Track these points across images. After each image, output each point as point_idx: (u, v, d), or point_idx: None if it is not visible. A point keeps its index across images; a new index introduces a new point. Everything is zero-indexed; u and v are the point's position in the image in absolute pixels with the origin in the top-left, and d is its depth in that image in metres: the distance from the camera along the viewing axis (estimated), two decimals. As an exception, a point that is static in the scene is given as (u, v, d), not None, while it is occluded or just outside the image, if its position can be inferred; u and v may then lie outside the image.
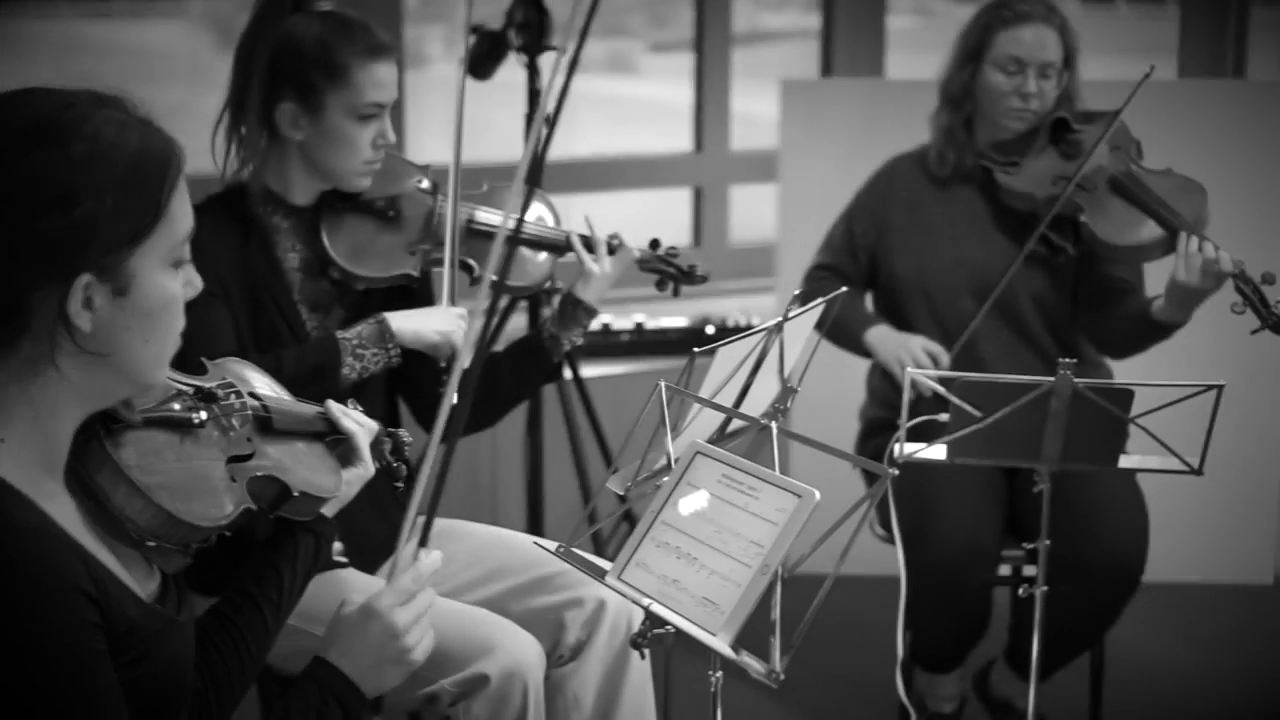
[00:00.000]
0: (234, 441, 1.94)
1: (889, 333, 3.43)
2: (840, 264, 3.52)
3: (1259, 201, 4.52)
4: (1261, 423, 4.66)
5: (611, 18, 5.85)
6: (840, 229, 3.56)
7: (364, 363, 2.71)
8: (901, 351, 3.35)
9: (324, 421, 2.16)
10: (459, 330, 2.78)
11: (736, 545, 1.90)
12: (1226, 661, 4.23)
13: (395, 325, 2.74)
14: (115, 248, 1.68)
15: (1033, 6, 3.36)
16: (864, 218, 3.52)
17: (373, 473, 2.19)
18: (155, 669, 1.77)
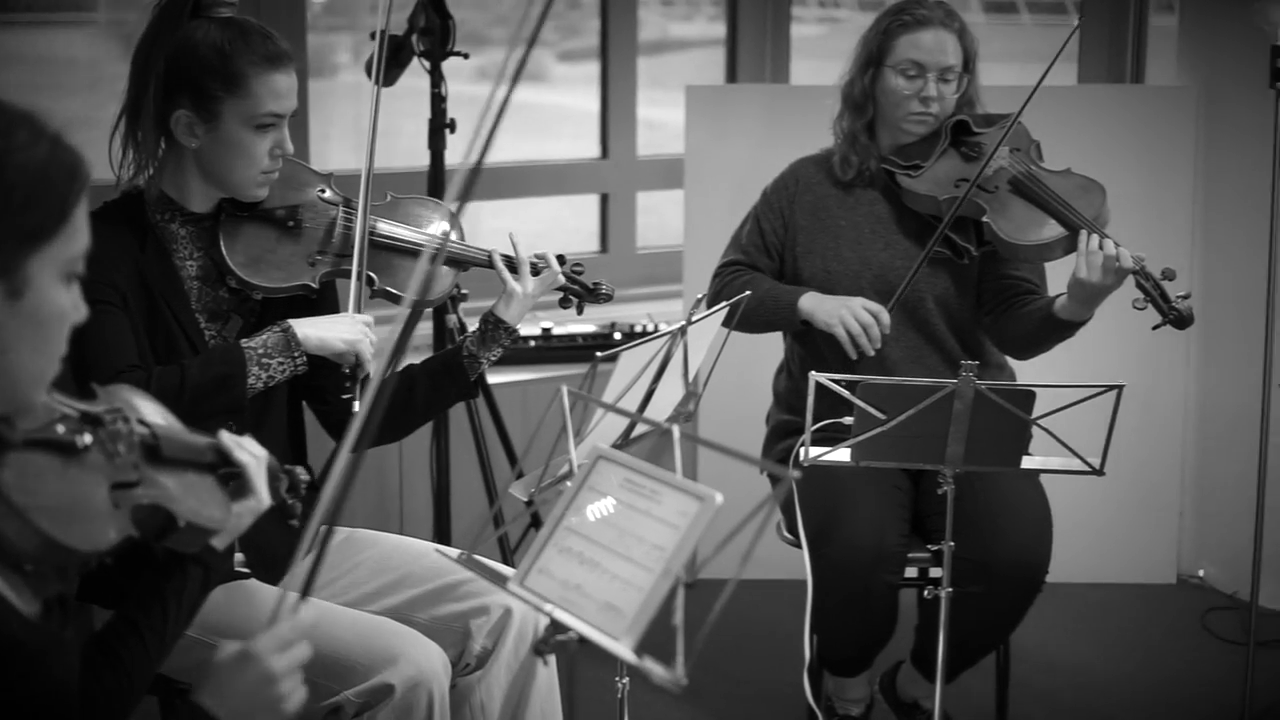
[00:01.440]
0: (119, 468, 1.89)
1: (823, 296, 3.39)
2: (754, 261, 3.51)
3: (1158, 200, 4.58)
4: (1162, 422, 4.71)
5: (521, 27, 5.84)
6: (749, 227, 3.55)
7: (269, 371, 2.67)
8: (842, 310, 3.30)
9: (215, 452, 2.09)
10: (365, 339, 2.75)
11: (639, 550, 1.89)
12: (1130, 660, 4.27)
13: (301, 333, 2.71)
14: (16, 245, 1.65)
15: (932, 11, 3.38)
16: (773, 217, 3.52)
17: (266, 505, 2.12)
18: (37, 688, 1.73)
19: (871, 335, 3.28)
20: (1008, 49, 6.59)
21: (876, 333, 3.28)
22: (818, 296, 3.37)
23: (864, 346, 3.28)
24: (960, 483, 2.97)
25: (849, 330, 3.28)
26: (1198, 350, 4.71)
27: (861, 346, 3.28)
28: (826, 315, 3.33)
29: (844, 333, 3.29)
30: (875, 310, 3.29)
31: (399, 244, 2.92)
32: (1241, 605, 4.51)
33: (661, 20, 5.95)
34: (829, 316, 3.32)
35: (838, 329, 3.29)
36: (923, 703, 3.59)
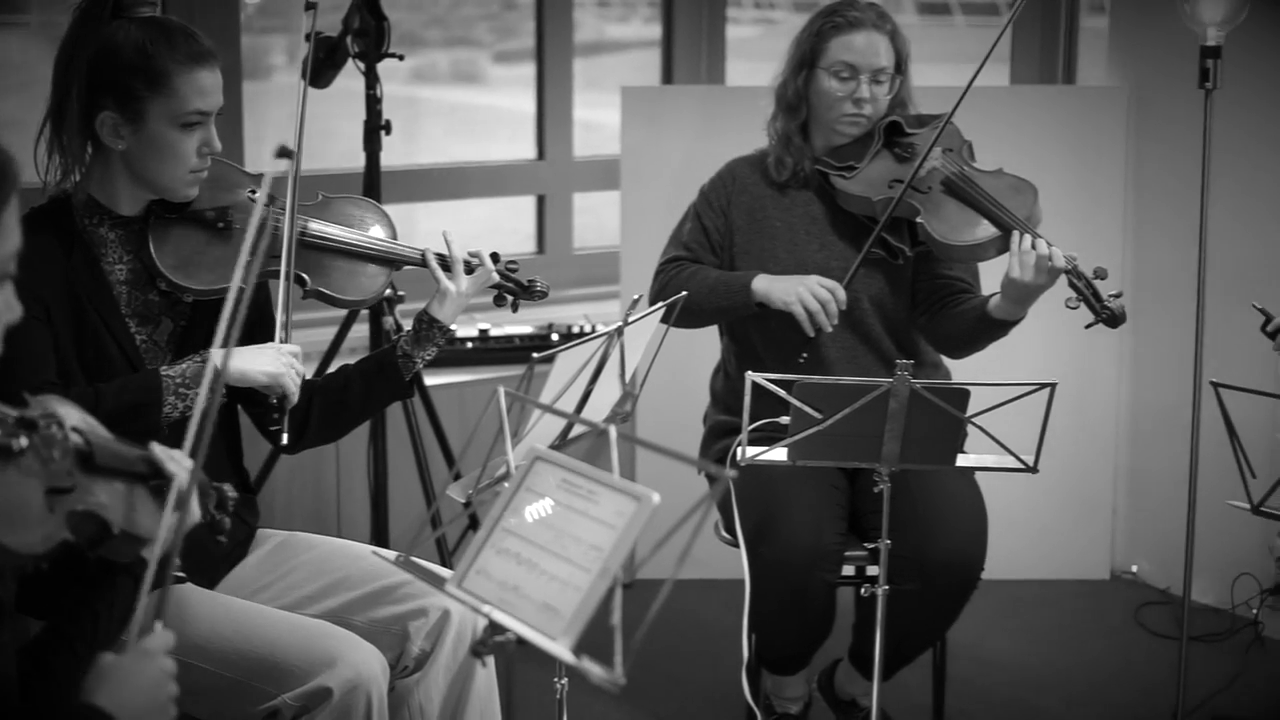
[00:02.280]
0: (54, 473, 1.88)
1: (775, 276, 3.37)
2: (699, 257, 3.50)
3: (1089, 199, 4.62)
4: (1095, 420, 4.76)
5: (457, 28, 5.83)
6: (690, 226, 3.54)
7: (186, 402, 2.63)
8: (799, 288, 3.30)
9: (147, 464, 2.08)
10: (288, 373, 2.71)
11: (576, 550, 1.90)
12: (1065, 656, 4.30)
13: (221, 364, 2.67)
14: None
15: (864, 13, 3.40)
16: (714, 215, 3.52)
17: (197, 518, 2.11)
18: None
19: (829, 311, 3.28)
20: (941, 50, 6.64)
21: (834, 309, 3.28)
22: (770, 277, 3.37)
23: (821, 323, 3.28)
24: (896, 481, 2.99)
25: (807, 308, 3.28)
26: (1130, 348, 4.76)
27: (819, 323, 3.28)
28: (783, 294, 3.32)
29: (802, 310, 3.28)
30: (831, 286, 3.29)
31: (331, 243, 2.91)
32: (1174, 600, 4.56)
33: (597, 22, 5.96)
34: (785, 295, 3.31)
35: (795, 307, 3.29)
36: (860, 700, 3.61)
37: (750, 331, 3.48)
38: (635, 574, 4.45)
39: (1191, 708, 3.85)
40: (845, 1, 3.43)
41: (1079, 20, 5.12)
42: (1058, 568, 4.79)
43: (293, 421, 2.79)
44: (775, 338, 3.43)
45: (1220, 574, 4.52)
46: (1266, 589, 4.44)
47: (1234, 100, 4.23)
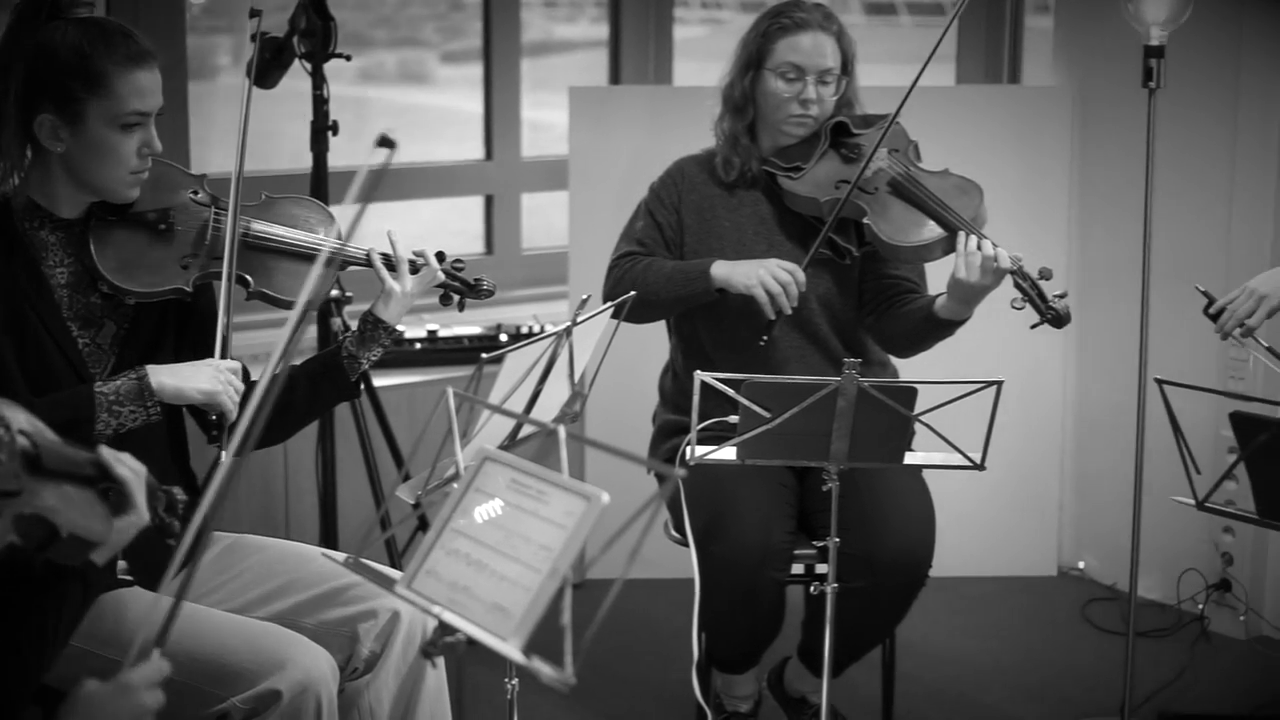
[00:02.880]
0: (1, 476, 1.87)
1: (734, 261, 3.36)
2: (653, 251, 3.50)
3: (1035, 199, 4.65)
4: (1042, 418, 4.79)
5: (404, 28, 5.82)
6: (643, 223, 3.53)
7: (120, 419, 2.62)
8: (759, 270, 3.29)
9: (95, 466, 2.07)
10: (225, 390, 2.68)
11: (526, 550, 1.90)
12: (1013, 652, 4.33)
13: (156, 382, 2.64)
14: None
15: (810, 14, 3.41)
16: (666, 211, 3.51)
17: (146, 521, 2.10)
18: None
19: (790, 294, 3.28)
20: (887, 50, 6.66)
21: (795, 290, 3.28)
22: (728, 263, 3.36)
23: (782, 305, 3.29)
24: (845, 479, 3.01)
25: (768, 290, 3.28)
26: (1075, 347, 4.79)
27: (780, 305, 3.29)
28: (744, 277, 3.31)
29: (763, 293, 3.28)
30: (790, 268, 3.30)
31: (275, 244, 2.90)
32: (1121, 596, 4.60)
33: (545, 22, 5.96)
34: (747, 278, 3.30)
35: (757, 290, 3.28)
36: (810, 698, 3.63)
37: (699, 330, 3.49)
38: (586, 574, 4.45)
39: (1138, 703, 3.88)
40: (791, 2, 3.44)
41: (1024, 20, 5.15)
42: (1005, 564, 4.82)
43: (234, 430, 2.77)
44: (725, 336, 3.44)
45: (1166, 570, 4.56)
46: (1212, 584, 4.48)
47: (1177, 99, 4.27)
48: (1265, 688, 4.04)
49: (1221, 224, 4.39)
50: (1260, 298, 3.25)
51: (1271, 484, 2.71)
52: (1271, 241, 4.28)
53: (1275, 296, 3.25)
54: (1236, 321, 3.25)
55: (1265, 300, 3.24)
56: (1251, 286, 3.27)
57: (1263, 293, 3.25)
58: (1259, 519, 2.77)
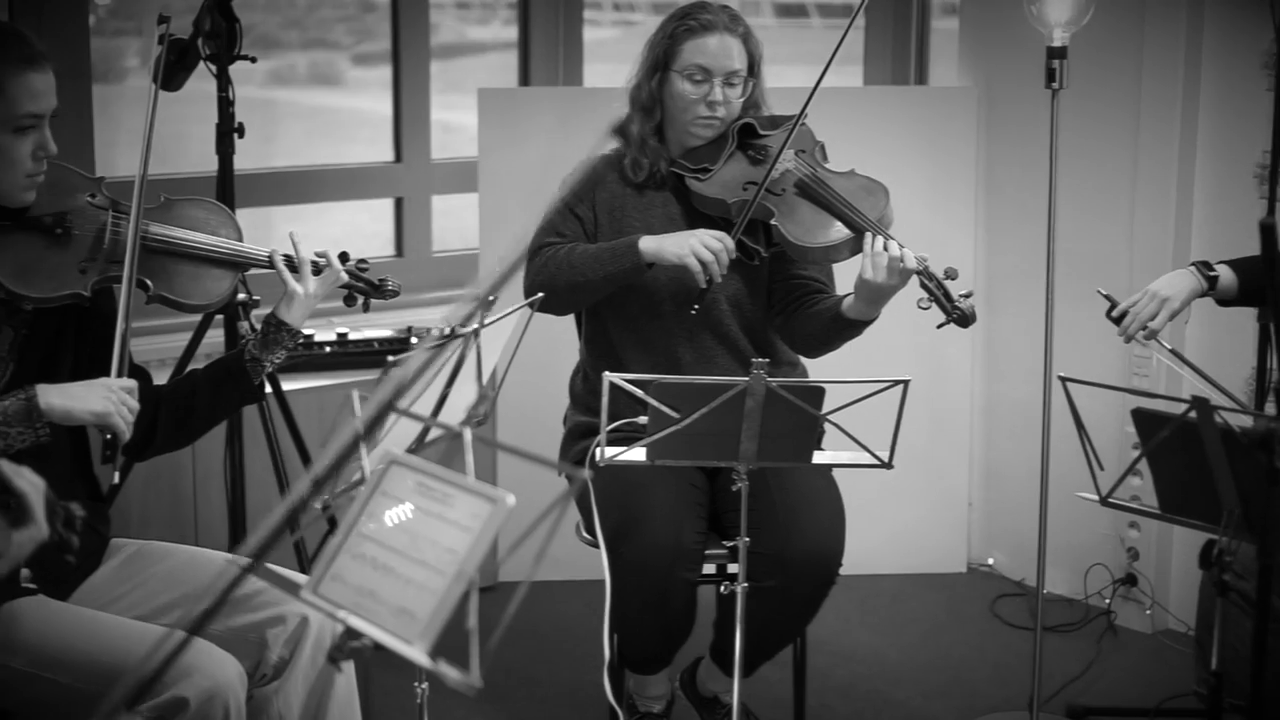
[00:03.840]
0: None
1: (660, 235, 3.35)
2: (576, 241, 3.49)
3: (942, 199, 4.69)
4: (950, 416, 4.83)
5: (314, 30, 5.78)
6: (560, 216, 3.50)
7: (7, 440, 2.57)
8: (690, 240, 3.29)
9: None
10: (118, 410, 2.63)
11: (432, 553, 1.89)
12: (924, 648, 4.37)
13: (45, 402, 2.59)
14: None
15: (716, 16, 3.42)
16: (583, 207, 3.50)
17: (45, 535, 2.08)
18: None
19: (721, 261, 3.28)
20: (798, 51, 6.69)
21: (725, 259, 3.28)
22: (655, 236, 3.35)
23: (714, 273, 3.28)
24: (754, 479, 3.02)
25: (700, 259, 3.27)
26: (982, 345, 4.84)
27: (712, 273, 3.28)
28: (676, 247, 3.29)
29: (696, 262, 3.26)
30: (720, 236, 3.30)
31: (175, 247, 2.87)
32: (1029, 591, 4.65)
33: (458, 24, 5.94)
34: (679, 249, 3.29)
35: (689, 259, 3.27)
36: (722, 697, 3.64)
37: (609, 331, 3.49)
38: (498, 577, 4.45)
39: (1046, 697, 3.92)
40: (698, 5, 3.45)
41: (930, 22, 5.19)
42: (915, 562, 4.86)
43: (136, 439, 2.73)
44: (635, 337, 3.44)
45: (1073, 565, 4.62)
46: (1118, 579, 4.53)
47: (1081, 100, 4.32)
48: (1171, 680, 4.09)
49: (1125, 222, 4.44)
50: (1163, 300, 3.28)
51: (1173, 479, 2.75)
52: (1173, 240, 4.34)
53: (1177, 299, 3.28)
54: (1140, 325, 3.28)
55: (1167, 303, 3.28)
56: (1153, 289, 3.30)
57: (1165, 295, 3.29)
58: (1161, 514, 2.80)
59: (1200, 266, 3.33)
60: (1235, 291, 3.32)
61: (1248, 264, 3.34)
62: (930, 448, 4.78)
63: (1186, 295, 3.30)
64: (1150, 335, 3.28)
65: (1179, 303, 3.28)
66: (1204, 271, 3.32)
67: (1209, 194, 4.32)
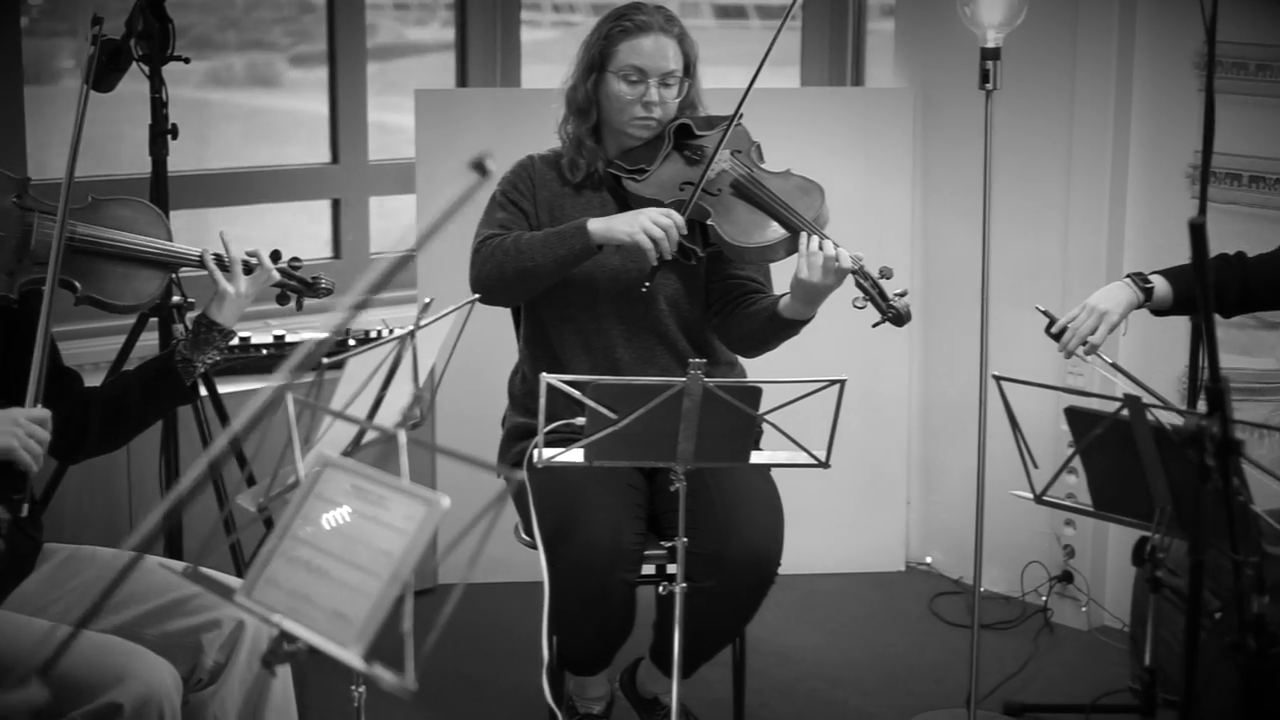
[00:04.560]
0: None
1: (609, 216, 3.33)
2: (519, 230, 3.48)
3: (878, 199, 4.71)
4: (888, 415, 4.85)
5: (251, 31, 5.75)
6: (505, 213, 3.48)
7: None
8: (640, 219, 3.28)
9: None
10: (22, 445, 2.58)
11: (367, 556, 1.88)
12: (862, 647, 4.38)
13: None
14: None
15: (651, 17, 3.43)
16: (524, 200, 3.48)
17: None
18: None
19: (671, 238, 3.27)
20: (737, 52, 6.71)
21: (675, 235, 3.27)
22: (603, 218, 3.32)
23: (664, 250, 3.28)
24: (693, 479, 3.02)
25: (651, 236, 3.26)
26: (920, 344, 4.86)
27: (663, 250, 3.27)
28: (626, 227, 3.27)
29: (647, 240, 3.25)
30: (669, 213, 3.29)
31: (102, 247, 2.85)
32: (967, 589, 4.67)
33: (396, 25, 5.92)
34: (629, 227, 3.27)
35: (640, 237, 3.25)
36: (662, 698, 3.64)
37: (547, 332, 3.49)
38: (437, 579, 4.44)
39: (984, 694, 3.95)
40: (633, 5, 3.45)
41: (866, 23, 5.21)
42: (854, 561, 4.88)
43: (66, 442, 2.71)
44: (574, 338, 3.44)
45: (1010, 563, 4.65)
46: (1054, 576, 4.57)
47: (1015, 101, 4.35)
48: (1107, 676, 4.12)
49: (1059, 222, 4.47)
50: (1101, 314, 3.29)
51: (1106, 477, 2.77)
52: (1107, 238, 4.38)
53: (1115, 312, 3.29)
54: (1079, 340, 3.29)
55: (1106, 316, 3.29)
56: (1091, 303, 3.31)
57: (1103, 309, 3.29)
58: (1095, 512, 2.83)
59: (1135, 278, 3.34)
60: (1170, 301, 3.34)
61: (1180, 272, 3.37)
62: (868, 447, 4.80)
63: (1124, 308, 3.31)
64: (1091, 350, 3.29)
65: (1117, 316, 3.30)
66: (1140, 283, 3.33)
67: (1142, 193, 4.36)
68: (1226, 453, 2.27)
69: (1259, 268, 3.40)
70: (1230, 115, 3.94)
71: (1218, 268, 3.38)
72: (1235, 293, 3.39)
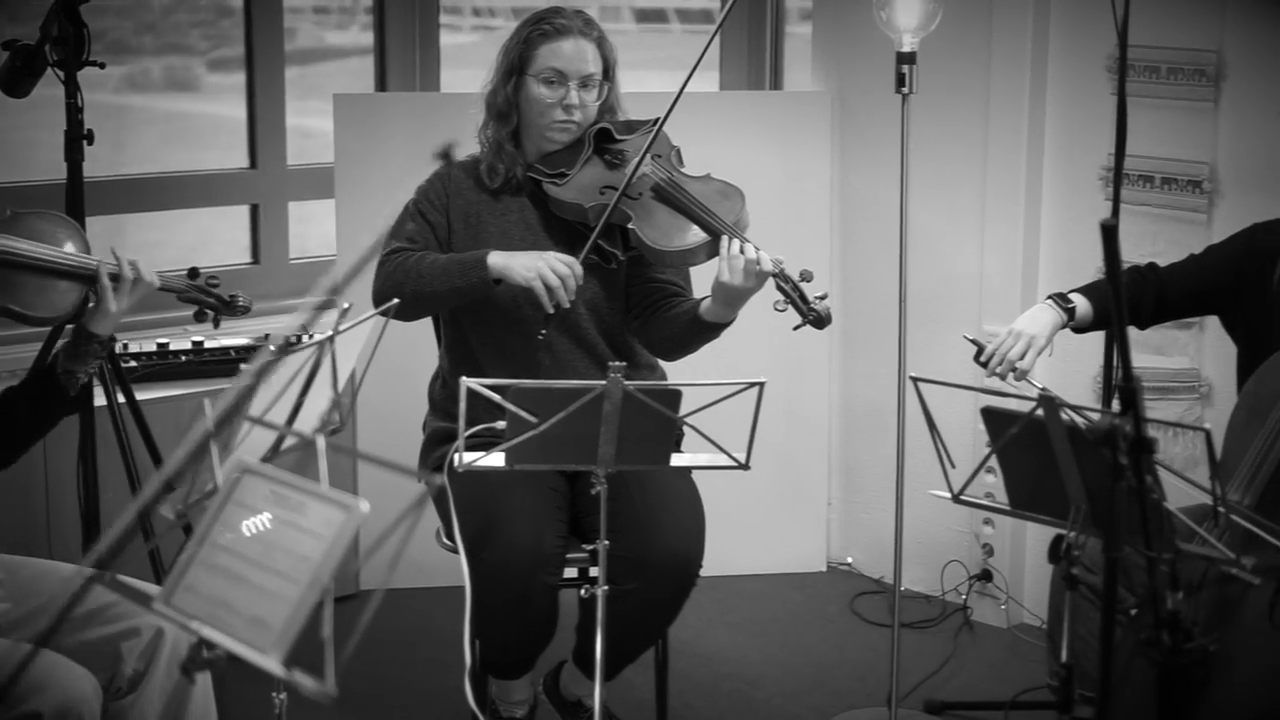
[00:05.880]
0: None
1: (511, 252, 3.33)
2: (426, 248, 3.47)
3: (797, 202, 4.74)
4: (808, 417, 4.88)
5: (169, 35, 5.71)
6: (414, 224, 3.48)
7: None
8: (538, 263, 3.27)
9: None
10: None
11: (286, 562, 1.88)
12: (784, 647, 4.41)
13: None
14: None
15: (571, 20, 3.44)
16: (435, 213, 3.48)
17: None
18: None
19: (568, 287, 3.28)
20: (658, 57, 6.73)
21: (573, 284, 3.28)
22: (505, 253, 3.33)
23: (560, 299, 3.28)
24: (614, 482, 3.03)
25: (547, 284, 3.27)
26: (839, 346, 4.89)
27: (559, 299, 3.28)
28: (523, 269, 3.28)
29: (542, 286, 3.25)
30: (569, 262, 3.29)
31: (20, 259, 2.83)
32: (887, 589, 4.71)
33: (316, 29, 5.90)
34: (526, 270, 3.27)
35: (536, 283, 3.26)
36: (585, 701, 3.64)
37: (468, 337, 3.49)
38: (359, 584, 4.43)
39: (905, 692, 3.98)
40: (552, 9, 3.47)
41: (785, 28, 5.24)
42: (776, 562, 4.90)
43: None
44: (494, 343, 3.44)
45: (930, 562, 4.69)
46: (974, 575, 4.61)
47: (931, 104, 4.38)
48: (1026, 673, 4.16)
49: (975, 223, 4.51)
50: (1029, 339, 3.32)
51: (1022, 476, 2.80)
52: (1023, 239, 4.42)
53: (1042, 336, 3.32)
54: (1009, 365, 3.31)
55: (1034, 340, 3.31)
56: (1017, 328, 3.33)
57: (1030, 333, 3.32)
58: (1011, 511, 2.86)
59: (1057, 299, 3.38)
60: (1091, 318, 3.39)
61: (1096, 288, 3.41)
62: (789, 448, 4.83)
63: (1050, 330, 3.34)
64: (1020, 376, 3.31)
65: (1044, 340, 3.32)
66: (1062, 304, 3.37)
67: (1057, 194, 4.41)
68: (1139, 451, 2.31)
69: (1172, 277, 3.45)
70: (1142, 118, 4.00)
71: (1132, 281, 3.43)
72: (1151, 305, 3.44)
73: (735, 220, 3.32)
